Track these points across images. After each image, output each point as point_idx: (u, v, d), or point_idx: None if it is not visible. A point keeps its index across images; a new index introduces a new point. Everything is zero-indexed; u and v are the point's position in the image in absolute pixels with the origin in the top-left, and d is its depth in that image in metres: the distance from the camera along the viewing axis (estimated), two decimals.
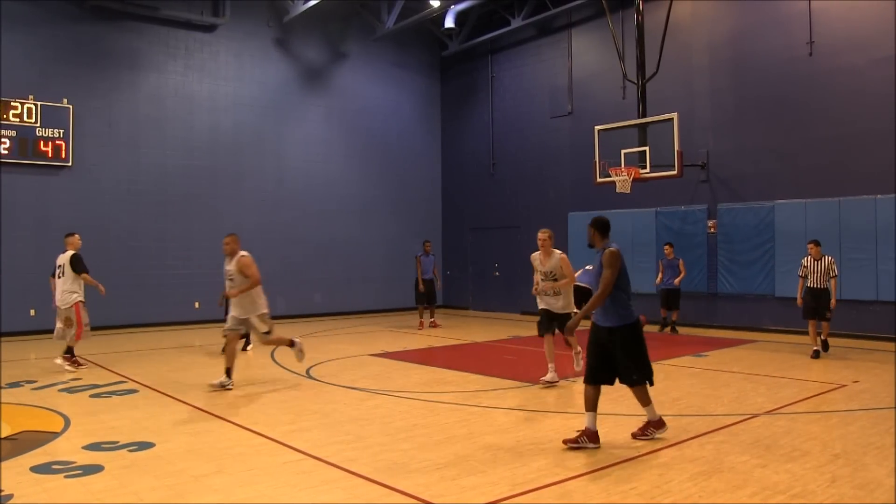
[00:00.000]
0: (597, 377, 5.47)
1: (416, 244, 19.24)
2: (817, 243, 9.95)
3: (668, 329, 13.18)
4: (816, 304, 9.87)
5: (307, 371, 9.06)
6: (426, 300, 14.73)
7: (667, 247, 13.22)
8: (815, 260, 9.94)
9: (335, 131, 17.87)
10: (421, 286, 14.62)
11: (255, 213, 16.23)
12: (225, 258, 8.19)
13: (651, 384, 5.49)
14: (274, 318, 14.16)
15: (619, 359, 5.40)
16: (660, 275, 13.21)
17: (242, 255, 8.01)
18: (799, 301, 10.07)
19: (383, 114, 18.78)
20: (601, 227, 5.63)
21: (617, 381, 5.51)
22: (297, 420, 6.42)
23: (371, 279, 18.22)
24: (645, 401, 5.57)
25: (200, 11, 15.61)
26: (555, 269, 7.91)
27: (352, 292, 17.82)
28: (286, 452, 5.35)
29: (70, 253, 9.22)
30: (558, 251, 7.99)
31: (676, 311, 13.14)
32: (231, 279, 8.06)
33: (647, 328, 14.49)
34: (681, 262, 13.08)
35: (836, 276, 9.88)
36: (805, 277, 10.02)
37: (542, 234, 7.93)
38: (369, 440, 5.68)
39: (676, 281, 12.96)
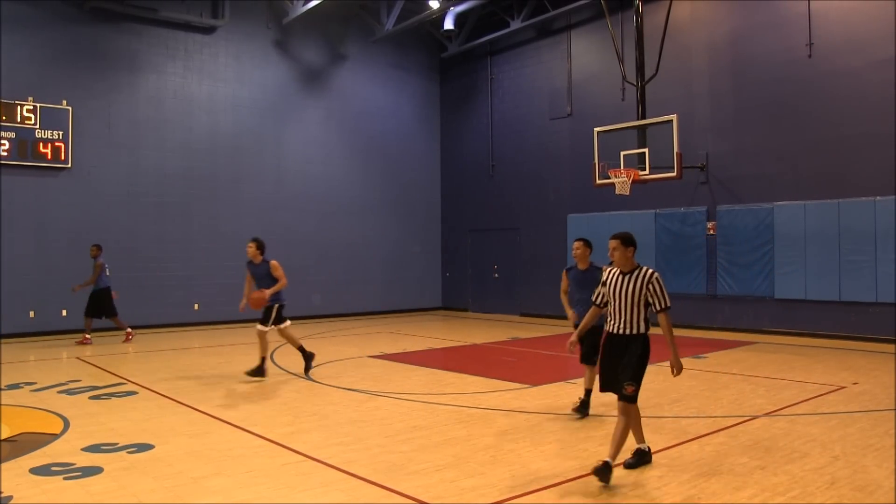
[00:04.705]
0: None
1: (416, 245, 19.33)
2: (626, 241, 4.87)
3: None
4: (611, 358, 4.88)
5: (306, 373, 9.05)
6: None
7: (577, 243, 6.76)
8: (622, 274, 4.87)
9: (334, 133, 17.88)
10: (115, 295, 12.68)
11: (255, 215, 16.22)
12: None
13: None
14: None
15: None
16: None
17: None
18: (574, 342, 5.32)
19: (383, 115, 18.79)
20: None
21: None
22: (296, 422, 6.42)
23: (370, 281, 18.23)
24: None
25: (200, 13, 15.62)
26: None
27: (351, 294, 17.82)
28: (285, 454, 5.35)
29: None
30: None
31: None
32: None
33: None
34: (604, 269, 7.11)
35: (666, 307, 4.77)
36: (604, 306, 5.06)
37: None
38: (368, 442, 5.68)
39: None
